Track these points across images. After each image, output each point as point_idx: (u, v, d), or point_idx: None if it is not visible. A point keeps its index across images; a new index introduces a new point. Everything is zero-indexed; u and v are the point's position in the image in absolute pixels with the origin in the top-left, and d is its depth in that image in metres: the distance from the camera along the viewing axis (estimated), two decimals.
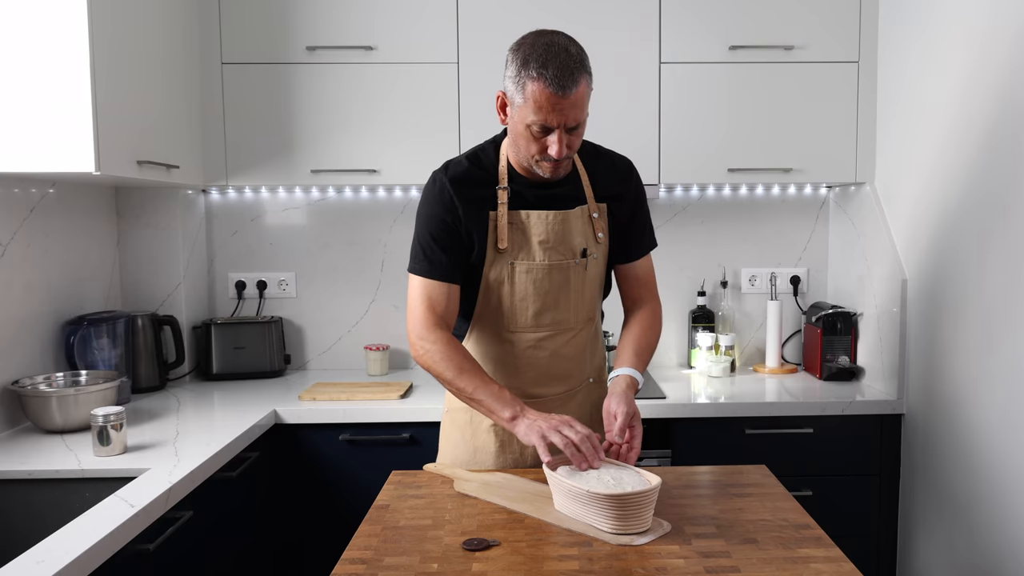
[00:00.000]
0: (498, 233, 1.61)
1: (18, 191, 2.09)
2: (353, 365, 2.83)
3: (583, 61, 1.49)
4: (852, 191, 2.65)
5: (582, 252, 1.65)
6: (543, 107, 1.46)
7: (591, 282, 1.69)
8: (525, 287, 1.63)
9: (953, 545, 2.08)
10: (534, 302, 1.64)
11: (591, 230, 1.67)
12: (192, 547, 1.73)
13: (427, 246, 1.61)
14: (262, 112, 2.50)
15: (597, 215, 1.67)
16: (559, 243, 1.62)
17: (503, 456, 1.70)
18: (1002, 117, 1.88)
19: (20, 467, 1.72)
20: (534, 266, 1.62)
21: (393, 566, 1.21)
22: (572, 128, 1.50)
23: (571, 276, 1.65)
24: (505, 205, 1.61)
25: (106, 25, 1.96)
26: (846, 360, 2.56)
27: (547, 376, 1.69)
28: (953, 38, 2.08)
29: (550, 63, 1.45)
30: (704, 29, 2.48)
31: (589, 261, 1.66)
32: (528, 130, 1.51)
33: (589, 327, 1.73)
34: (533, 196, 1.63)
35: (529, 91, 1.47)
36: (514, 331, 1.66)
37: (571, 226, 1.63)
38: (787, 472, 1.98)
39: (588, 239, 1.66)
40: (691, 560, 1.22)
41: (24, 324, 2.11)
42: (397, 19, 2.46)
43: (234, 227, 2.82)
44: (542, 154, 1.53)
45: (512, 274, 1.63)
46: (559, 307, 1.65)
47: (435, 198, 1.62)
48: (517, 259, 1.62)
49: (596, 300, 1.74)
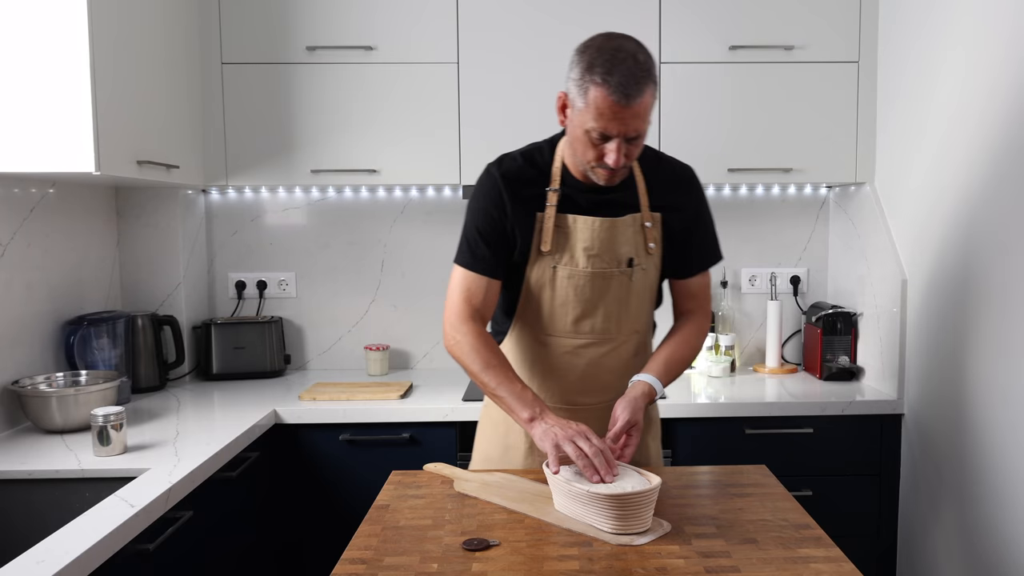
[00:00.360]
0: (542, 235, 1.58)
1: (18, 191, 2.09)
2: (353, 365, 2.83)
3: (650, 70, 1.43)
4: (852, 191, 2.65)
5: (628, 261, 1.60)
6: (604, 115, 1.42)
7: (639, 293, 1.64)
8: (566, 292, 1.60)
9: (953, 545, 2.08)
10: (574, 308, 1.61)
11: (642, 240, 1.61)
12: (192, 547, 1.73)
13: (472, 239, 1.60)
14: (262, 112, 2.50)
15: (650, 225, 1.61)
16: (604, 251, 1.58)
17: (532, 457, 1.68)
18: (1002, 117, 1.88)
19: (20, 467, 1.72)
20: (576, 272, 1.59)
21: (393, 566, 1.21)
22: (632, 138, 1.46)
23: (614, 285, 1.60)
24: (553, 207, 1.58)
25: (106, 25, 1.96)
26: (846, 360, 2.56)
27: (584, 385, 1.66)
28: (953, 38, 2.08)
29: (616, 70, 1.40)
30: (704, 29, 2.48)
31: (636, 271, 1.61)
32: (586, 135, 1.47)
33: (634, 340, 1.68)
34: (584, 200, 1.59)
35: (591, 97, 1.42)
36: (552, 335, 1.63)
37: (619, 234, 1.59)
38: (787, 472, 1.98)
39: (638, 249, 1.61)
40: (691, 560, 1.22)
41: (24, 324, 2.11)
42: (397, 19, 2.46)
43: (234, 227, 2.82)
44: (598, 161, 1.49)
45: (553, 277, 1.60)
46: (600, 316, 1.61)
47: (485, 192, 1.61)
48: (560, 263, 1.59)
49: (644, 312, 1.68)
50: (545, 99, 2.48)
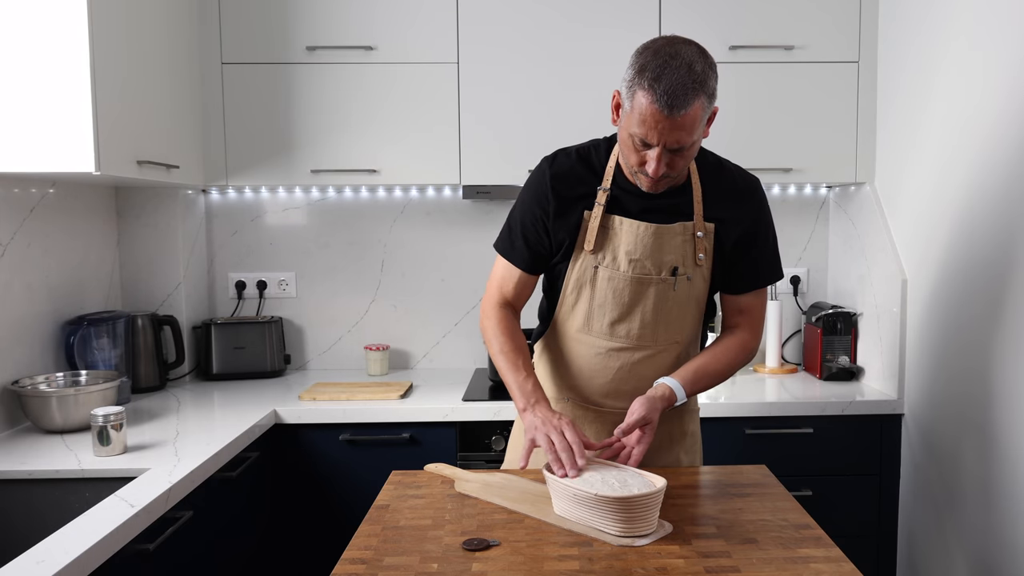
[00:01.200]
0: (587, 234, 1.57)
1: (18, 191, 2.09)
2: (353, 365, 2.83)
3: (705, 81, 1.37)
4: (852, 191, 2.65)
5: (672, 270, 1.56)
6: (646, 122, 1.38)
7: (681, 304, 1.59)
8: (605, 293, 1.58)
9: (953, 545, 2.08)
10: (611, 310, 1.58)
11: (691, 249, 1.56)
12: (192, 547, 1.73)
13: (515, 231, 1.63)
14: (262, 112, 2.50)
15: (702, 235, 1.56)
16: (647, 256, 1.55)
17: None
18: (1002, 116, 1.88)
19: (20, 467, 1.72)
20: (616, 274, 1.56)
21: (393, 566, 1.21)
22: (675, 149, 1.42)
23: (655, 292, 1.57)
24: (601, 207, 1.56)
25: (106, 25, 1.96)
26: (846, 360, 2.56)
27: (614, 389, 1.63)
28: (953, 37, 2.08)
29: (664, 77, 1.35)
30: (704, 29, 2.47)
31: (679, 281, 1.56)
32: (631, 139, 1.44)
33: (673, 350, 1.63)
34: (633, 203, 1.56)
35: (636, 102, 1.39)
36: (588, 335, 1.62)
37: (665, 241, 1.55)
38: (787, 472, 1.98)
39: (685, 258, 1.56)
40: (691, 560, 1.22)
41: (24, 324, 2.11)
42: (397, 19, 2.46)
43: (234, 227, 2.82)
44: (640, 167, 1.46)
45: (594, 277, 1.58)
46: (636, 321, 1.58)
47: (533, 188, 1.61)
48: (602, 263, 1.57)
49: (687, 324, 1.62)
50: (545, 99, 2.48)
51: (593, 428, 1.67)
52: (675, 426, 1.69)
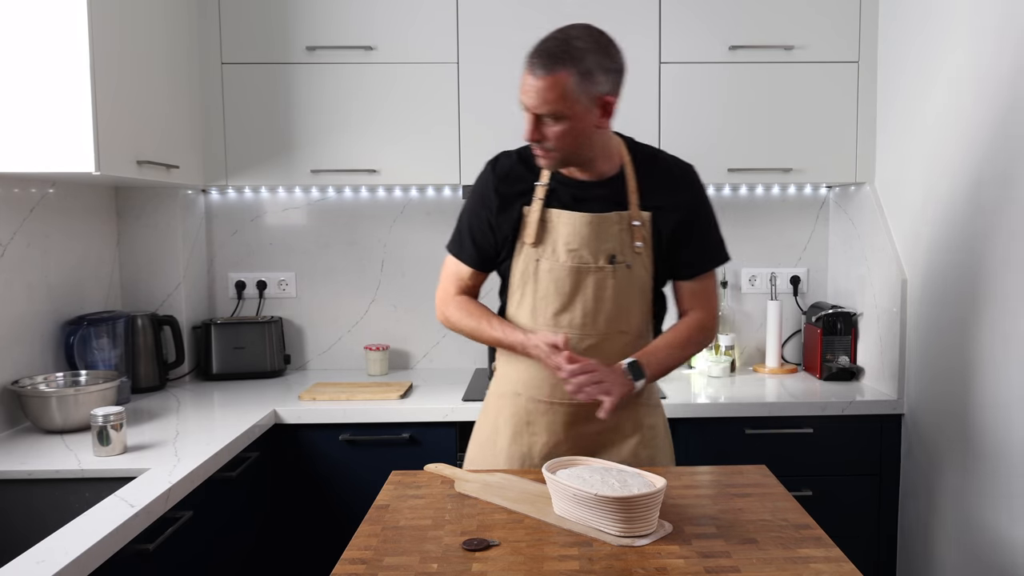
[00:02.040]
0: (527, 228, 1.62)
1: (18, 191, 2.09)
2: (353, 365, 2.83)
3: (578, 56, 1.46)
4: (852, 191, 2.65)
5: (610, 258, 1.60)
6: (522, 85, 1.50)
7: (625, 292, 1.62)
8: (547, 285, 1.62)
9: (953, 545, 2.08)
10: (554, 301, 1.62)
11: (628, 238, 1.60)
12: (192, 547, 1.73)
13: (463, 231, 1.71)
14: (262, 112, 2.50)
15: (639, 223, 1.60)
16: (584, 246, 1.59)
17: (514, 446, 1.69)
18: (1002, 116, 1.88)
19: (20, 467, 1.72)
20: (556, 265, 1.60)
21: (393, 566, 1.21)
22: (545, 117, 1.49)
23: (594, 281, 1.60)
24: (540, 201, 1.61)
25: (106, 25, 1.96)
26: (846, 360, 2.56)
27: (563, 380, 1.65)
28: (953, 38, 2.08)
29: (540, 45, 1.48)
30: (704, 29, 2.48)
31: (618, 269, 1.60)
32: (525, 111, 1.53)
33: (622, 340, 1.65)
34: (570, 196, 1.61)
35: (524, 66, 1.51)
36: (536, 328, 1.64)
37: (602, 230, 1.59)
38: (787, 472, 1.98)
39: (623, 246, 1.60)
40: (691, 560, 1.22)
41: (24, 324, 2.11)
42: (397, 19, 2.46)
43: (234, 227, 2.82)
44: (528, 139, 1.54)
45: (536, 270, 1.62)
46: (578, 310, 1.61)
47: (478, 188, 1.70)
48: (543, 256, 1.62)
49: (633, 313, 1.65)
50: None
51: (546, 420, 1.68)
52: (626, 419, 1.70)
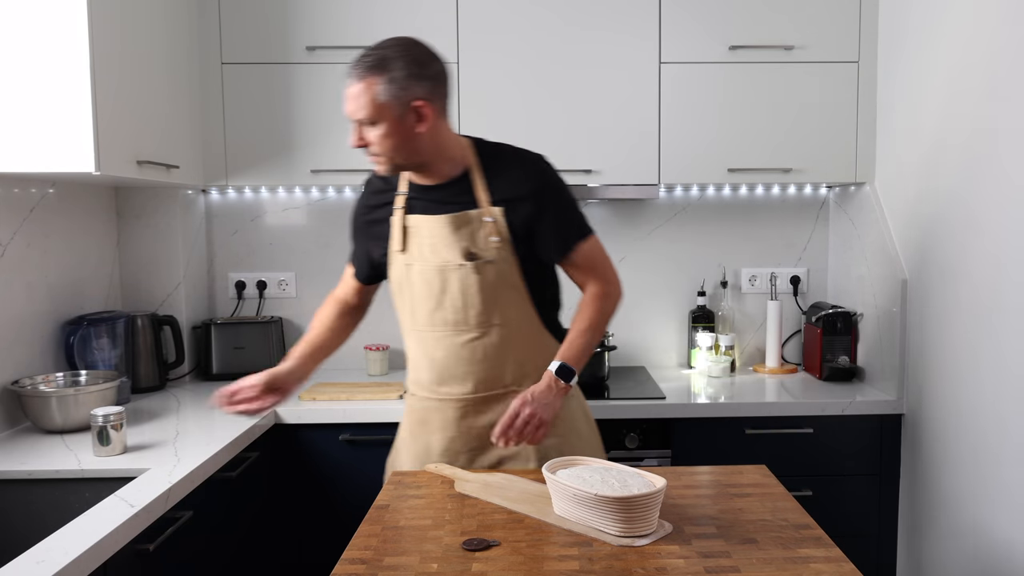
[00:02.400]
0: (393, 236, 1.73)
1: (18, 191, 2.09)
2: (353, 365, 2.83)
3: (388, 65, 1.54)
4: (852, 191, 2.65)
5: (469, 256, 1.66)
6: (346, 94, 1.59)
7: (492, 286, 1.67)
8: (419, 287, 1.71)
9: (953, 545, 2.08)
10: (427, 301, 1.70)
11: (483, 234, 1.66)
12: (192, 547, 1.73)
13: (352, 248, 1.88)
14: (262, 112, 2.50)
15: (491, 219, 1.66)
16: (445, 246, 1.67)
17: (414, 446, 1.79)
18: (1002, 117, 1.88)
19: (20, 467, 1.72)
20: (425, 267, 1.69)
21: (393, 566, 1.21)
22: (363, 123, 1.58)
23: (458, 278, 1.67)
24: (401, 210, 1.71)
25: (106, 25, 1.96)
26: (846, 360, 2.56)
27: (446, 375, 1.73)
28: (953, 38, 2.08)
29: (360, 57, 1.57)
30: (704, 29, 2.48)
31: (479, 265, 1.66)
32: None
33: (499, 332, 1.69)
34: (427, 202, 1.70)
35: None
36: (415, 328, 1.75)
37: (456, 229, 1.66)
38: (787, 472, 1.99)
39: (479, 242, 1.66)
40: (691, 560, 1.22)
41: (24, 324, 2.11)
42: (396, 19, 2.46)
43: (234, 227, 2.82)
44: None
45: (408, 275, 1.72)
46: (449, 308, 1.69)
47: (354, 210, 1.85)
48: (412, 261, 1.71)
49: (508, 307, 1.70)
50: (545, 98, 2.48)
51: (439, 417, 1.75)
52: None
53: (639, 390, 2.42)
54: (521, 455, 1.72)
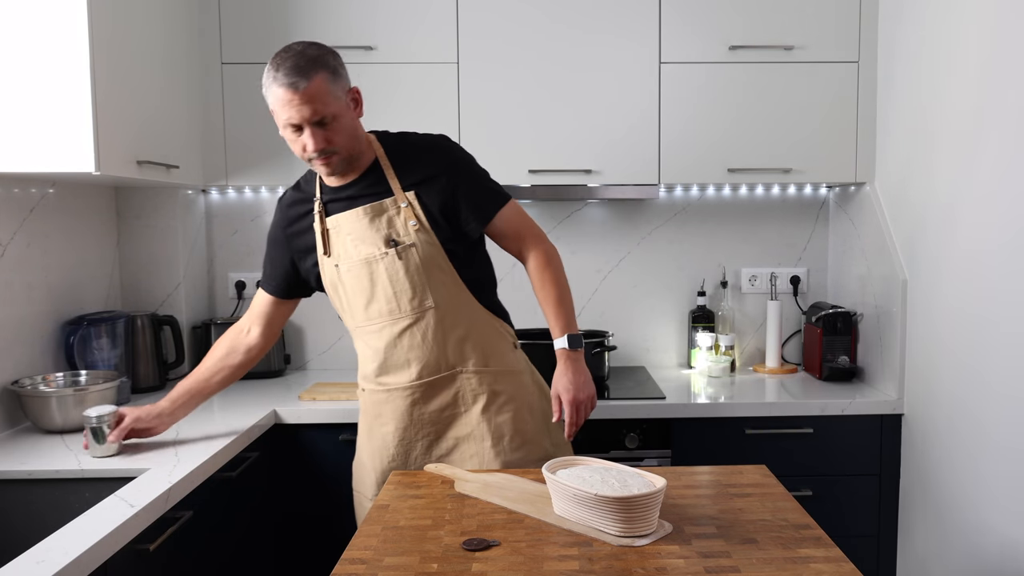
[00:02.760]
0: (318, 242, 1.75)
1: (18, 191, 2.09)
2: (353, 365, 2.80)
3: (321, 59, 1.59)
4: (852, 191, 2.65)
5: (391, 243, 1.69)
6: (284, 107, 1.58)
7: (420, 271, 1.70)
8: (349, 284, 1.73)
9: (953, 545, 2.08)
10: (359, 296, 1.73)
11: (401, 220, 1.70)
12: (192, 547, 1.73)
13: (266, 266, 1.88)
14: (262, 112, 2.48)
15: (406, 204, 1.70)
16: (366, 238, 1.70)
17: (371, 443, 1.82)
18: (1002, 117, 1.88)
19: (20, 467, 1.72)
20: (352, 264, 1.72)
21: (393, 566, 1.21)
22: (320, 122, 1.59)
23: (384, 267, 1.70)
24: (320, 214, 1.74)
25: (106, 25, 1.96)
26: (846, 360, 2.56)
27: (389, 365, 1.76)
28: (953, 38, 2.08)
29: (282, 65, 1.57)
30: (704, 29, 2.48)
31: (402, 251, 1.69)
32: (287, 132, 1.62)
33: (434, 315, 1.71)
34: (342, 201, 1.73)
35: (271, 97, 1.60)
36: (355, 325, 1.78)
37: (375, 220, 1.70)
38: (787, 472, 1.99)
39: (398, 229, 1.70)
40: (691, 560, 1.22)
41: (24, 324, 2.11)
42: (397, 19, 2.46)
43: (234, 227, 2.82)
44: (306, 152, 1.63)
45: (338, 275, 1.74)
46: (381, 298, 1.71)
47: (273, 226, 1.86)
48: (339, 261, 1.73)
49: (439, 288, 1.72)
50: (545, 98, 2.48)
51: (390, 408, 1.78)
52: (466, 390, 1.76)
53: (639, 390, 2.42)
54: (475, 434, 1.75)
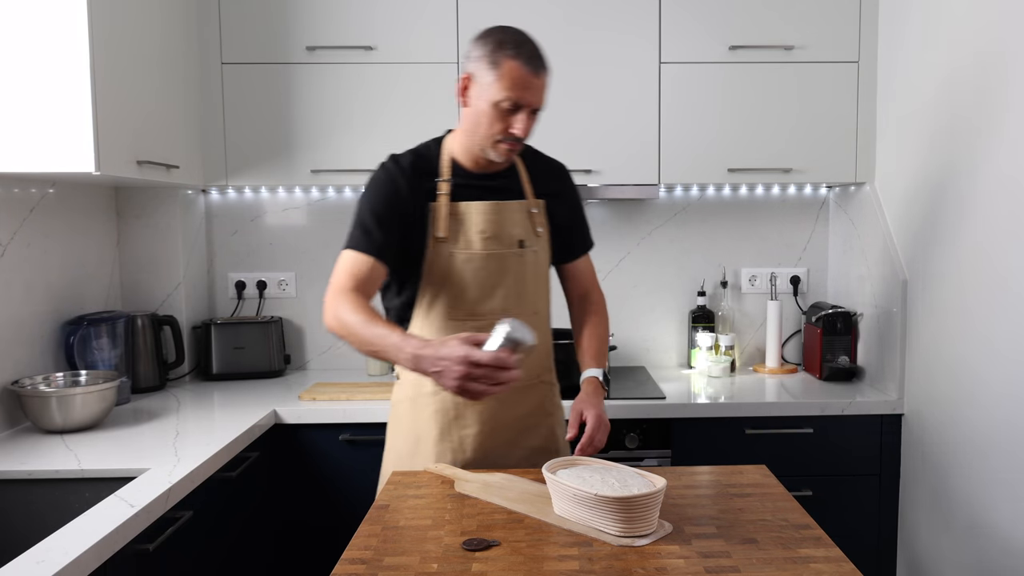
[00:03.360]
0: (437, 223, 1.66)
1: (18, 191, 2.09)
2: (353, 365, 2.83)
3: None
4: (852, 191, 2.65)
5: (520, 243, 1.69)
6: (517, 84, 1.55)
7: (534, 274, 1.73)
8: (464, 276, 1.67)
9: (953, 545, 2.08)
10: (473, 291, 1.67)
11: (530, 224, 1.72)
12: (192, 547, 1.73)
13: (366, 224, 1.61)
14: (262, 112, 2.50)
15: (536, 210, 1.73)
16: (497, 233, 1.67)
17: (442, 444, 1.70)
18: (1002, 116, 1.88)
19: (20, 467, 1.72)
20: (473, 255, 1.66)
21: (393, 566, 1.21)
22: (535, 112, 1.60)
23: (510, 265, 1.69)
24: (446, 196, 1.67)
25: (106, 25, 1.96)
26: (846, 360, 2.56)
27: None
28: (953, 38, 2.08)
29: (523, 46, 1.58)
30: (704, 29, 2.48)
31: (527, 252, 1.70)
32: (495, 108, 1.57)
33: (536, 320, 1.70)
34: (473, 189, 1.69)
35: (505, 68, 1.56)
36: (455, 319, 1.67)
37: (509, 217, 1.69)
38: (787, 472, 1.98)
39: (527, 232, 1.71)
40: (691, 560, 1.22)
41: (24, 324, 2.11)
42: (397, 19, 2.46)
43: (234, 227, 2.82)
44: (505, 134, 1.59)
45: (452, 263, 1.66)
46: (499, 296, 1.68)
47: (383, 183, 1.66)
48: (456, 248, 1.66)
49: (541, 294, 1.76)
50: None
51: (476, 410, 1.70)
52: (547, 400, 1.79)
53: (639, 390, 2.42)
54: (547, 447, 1.76)
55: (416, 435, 1.73)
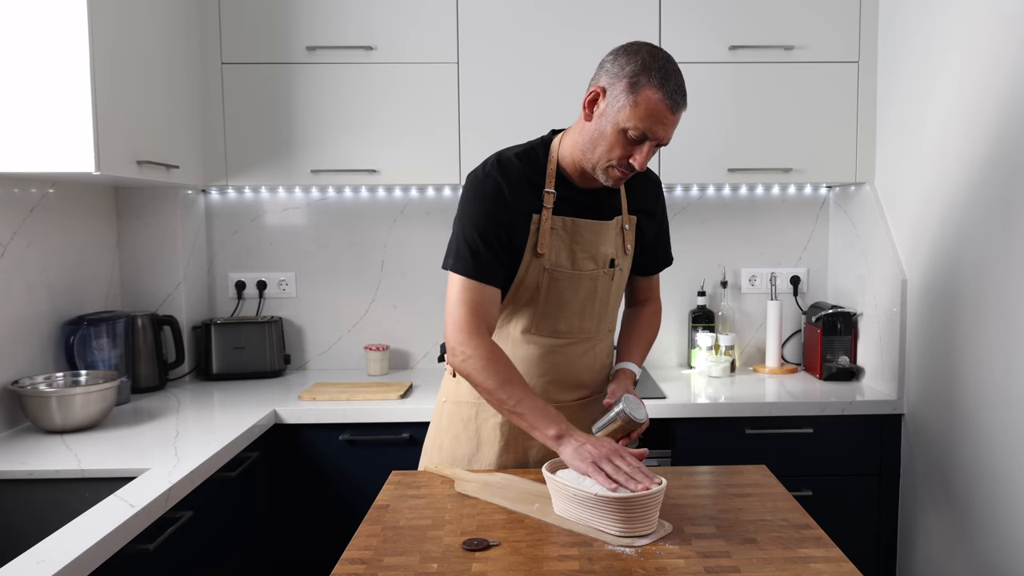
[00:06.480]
0: (540, 236, 1.56)
1: (18, 191, 2.09)
2: (353, 365, 2.83)
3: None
4: (852, 191, 2.65)
5: (610, 263, 1.64)
6: (652, 116, 1.44)
7: (615, 293, 1.70)
8: (551, 293, 1.60)
9: (953, 545, 2.08)
10: (560, 308, 1.61)
11: (621, 241, 1.67)
12: (192, 547, 1.73)
13: (473, 244, 1.52)
14: (262, 112, 2.50)
15: (628, 227, 1.68)
16: (593, 253, 1.61)
17: (506, 455, 1.67)
18: (1002, 116, 1.88)
19: (20, 467, 1.72)
20: (569, 273, 1.60)
21: (393, 566, 1.21)
22: (659, 146, 1.50)
23: (599, 286, 1.64)
24: (550, 210, 1.57)
25: (106, 25, 1.96)
26: (846, 360, 2.56)
27: (561, 383, 1.66)
28: (952, 37, 2.08)
29: (671, 78, 1.45)
30: (704, 29, 2.48)
31: (615, 272, 1.66)
32: (620, 134, 1.46)
33: (608, 339, 1.73)
34: (573, 203, 1.59)
35: (644, 96, 1.43)
36: (535, 334, 1.63)
37: (605, 236, 1.63)
38: (787, 472, 1.98)
39: (618, 250, 1.66)
40: (691, 560, 1.22)
41: (24, 324, 2.11)
42: (397, 19, 2.46)
43: (234, 227, 2.82)
44: (621, 161, 1.49)
45: (544, 279, 1.58)
46: (583, 316, 1.64)
47: (486, 194, 1.55)
48: (552, 264, 1.58)
49: (615, 310, 1.74)
50: (544, 99, 2.48)
51: None
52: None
53: (639, 390, 2.42)
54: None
55: (478, 442, 1.68)
